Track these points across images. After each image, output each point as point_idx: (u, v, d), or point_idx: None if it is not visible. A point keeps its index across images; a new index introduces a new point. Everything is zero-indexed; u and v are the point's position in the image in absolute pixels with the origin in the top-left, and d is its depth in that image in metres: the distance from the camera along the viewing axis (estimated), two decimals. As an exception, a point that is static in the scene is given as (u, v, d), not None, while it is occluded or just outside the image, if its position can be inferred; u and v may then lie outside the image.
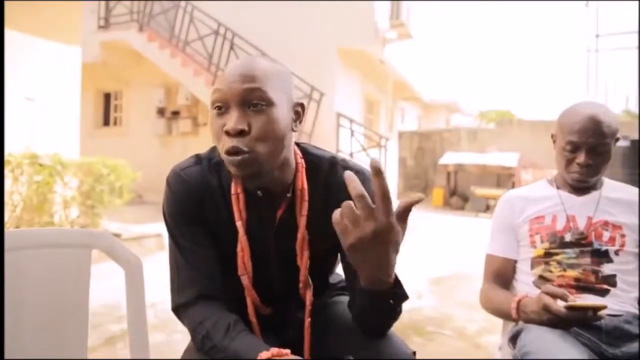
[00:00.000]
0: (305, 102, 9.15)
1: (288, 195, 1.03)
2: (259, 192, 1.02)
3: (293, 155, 1.04)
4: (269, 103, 0.93)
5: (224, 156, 0.94)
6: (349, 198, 0.93)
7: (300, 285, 1.07)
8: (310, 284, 1.07)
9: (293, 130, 1.00)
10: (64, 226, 4.64)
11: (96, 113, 10.75)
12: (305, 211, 1.04)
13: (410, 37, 10.55)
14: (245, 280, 1.05)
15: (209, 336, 0.97)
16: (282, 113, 0.95)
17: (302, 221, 1.04)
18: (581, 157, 1.36)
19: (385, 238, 0.79)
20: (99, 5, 9.35)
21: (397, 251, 0.84)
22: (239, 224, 1.03)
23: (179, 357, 1.17)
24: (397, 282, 0.91)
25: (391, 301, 0.91)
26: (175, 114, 9.80)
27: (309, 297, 1.07)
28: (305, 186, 1.04)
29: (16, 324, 1.18)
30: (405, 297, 0.94)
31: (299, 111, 1.01)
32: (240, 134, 0.91)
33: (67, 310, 1.24)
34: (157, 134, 9.88)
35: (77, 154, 5.60)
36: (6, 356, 1.16)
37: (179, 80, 8.96)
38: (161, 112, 9.91)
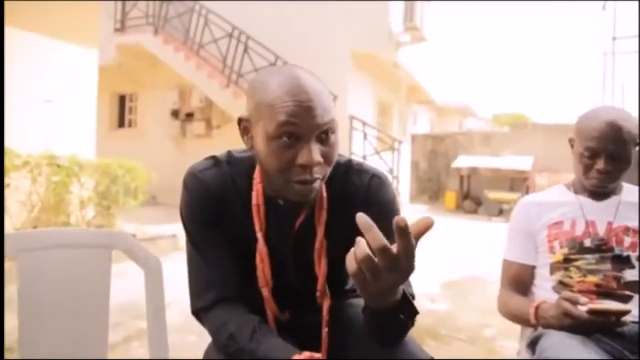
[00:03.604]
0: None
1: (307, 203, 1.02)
2: (280, 201, 1.02)
3: None
4: (335, 130, 0.94)
5: (293, 186, 0.92)
6: (366, 204, 0.95)
7: (318, 294, 1.06)
8: (328, 293, 1.06)
9: None
10: (80, 226, 4.70)
11: (111, 115, 10.88)
12: (323, 219, 1.03)
13: (424, 41, 10.52)
14: (266, 292, 1.04)
15: (233, 338, 0.96)
16: (338, 136, 0.95)
17: (321, 230, 1.03)
18: (600, 164, 1.35)
19: (403, 281, 0.77)
20: (115, 8, 9.47)
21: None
22: (259, 235, 1.02)
23: (194, 357, 1.18)
24: (404, 298, 0.87)
25: (401, 316, 0.88)
26: (189, 116, 9.87)
27: (326, 306, 1.05)
28: (325, 194, 1.03)
29: (37, 324, 1.20)
30: (414, 311, 0.90)
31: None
32: (317, 164, 0.91)
33: (88, 310, 1.26)
34: (171, 136, 9.97)
35: (93, 155, 5.68)
36: (27, 355, 1.18)
37: (193, 83, 9.03)
38: (175, 114, 10.00)
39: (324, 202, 1.03)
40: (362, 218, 0.73)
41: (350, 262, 0.74)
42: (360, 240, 0.73)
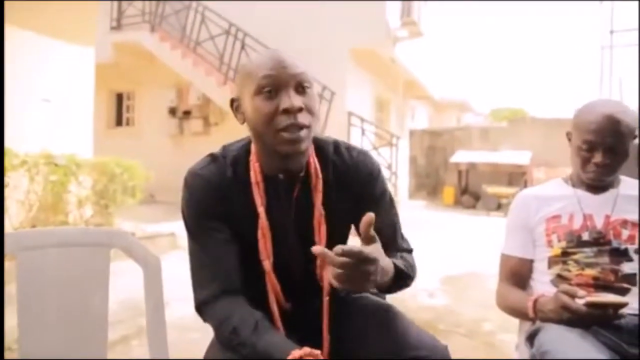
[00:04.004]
0: (316, 101, 9.11)
1: (301, 174, 1.08)
2: (280, 175, 1.07)
3: None
4: (311, 85, 1.04)
5: (282, 135, 0.99)
6: (356, 178, 1.12)
7: (318, 262, 1.09)
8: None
9: None
10: (78, 225, 4.69)
11: (109, 113, 10.85)
12: (320, 187, 1.09)
13: (421, 36, 10.50)
14: (267, 265, 1.07)
15: (236, 332, 0.98)
16: (316, 94, 1.07)
17: (318, 197, 1.09)
18: (598, 157, 1.35)
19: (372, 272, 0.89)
20: (112, 6, 9.42)
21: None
22: (260, 209, 1.06)
23: (194, 356, 1.18)
24: (398, 272, 1.01)
25: (399, 283, 1.05)
26: (187, 113, 9.86)
27: (326, 276, 1.07)
28: (318, 166, 1.10)
29: (36, 323, 1.20)
30: (410, 277, 1.09)
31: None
32: (299, 110, 0.99)
33: (87, 309, 1.26)
34: (169, 134, 9.95)
35: (90, 154, 5.66)
36: (26, 354, 1.18)
37: (190, 80, 9.01)
38: (173, 112, 9.98)
39: (319, 172, 1.09)
40: (317, 249, 0.87)
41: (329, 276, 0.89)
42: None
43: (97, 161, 5.14)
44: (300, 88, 1.01)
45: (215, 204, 1.06)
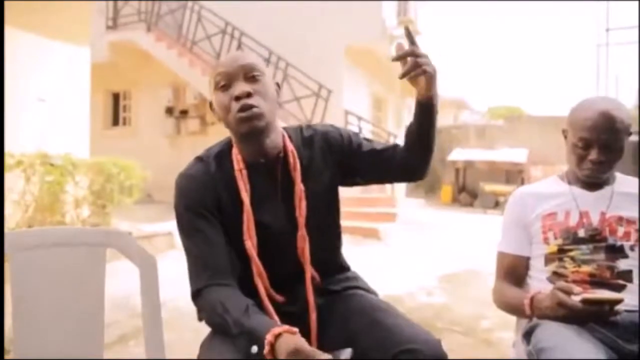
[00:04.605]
0: (313, 100, 9.01)
1: (281, 155, 1.19)
2: (262, 159, 1.17)
3: (279, 126, 1.23)
4: (262, 73, 1.17)
5: (237, 116, 1.12)
6: (326, 143, 1.25)
7: (299, 234, 1.17)
8: (306, 236, 1.18)
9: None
10: (75, 225, 4.68)
11: (105, 113, 10.82)
12: (298, 166, 1.20)
13: (418, 34, 10.50)
14: (249, 244, 1.13)
15: (227, 314, 1.04)
16: (270, 82, 1.19)
17: (297, 176, 1.19)
18: (593, 154, 1.35)
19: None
20: (107, 5, 9.39)
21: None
22: (244, 194, 1.15)
23: (190, 356, 1.18)
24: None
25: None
26: (184, 113, 9.82)
27: (306, 251, 1.18)
28: (293, 147, 1.22)
29: (32, 323, 1.19)
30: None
31: (277, 88, 1.22)
32: (248, 95, 1.12)
33: (83, 309, 1.26)
34: (166, 134, 9.92)
35: (87, 154, 5.65)
36: (21, 355, 1.17)
37: (187, 80, 8.98)
38: (169, 111, 9.94)
39: (295, 153, 1.21)
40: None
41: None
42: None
43: (94, 161, 5.13)
44: (251, 77, 1.14)
45: (203, 199, 1.14)
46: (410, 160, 1.25)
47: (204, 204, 1.14)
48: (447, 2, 13.86)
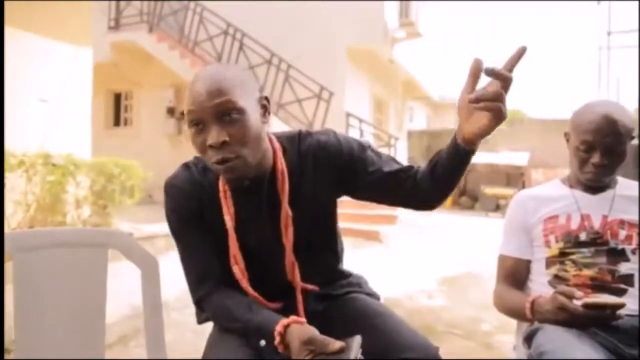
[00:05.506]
0: (314, 101, 8.98)
1: (268, 172, 1.11)
2: (247, 181, 1.08)
3: (268, 143, 1.12)
4: (241, 111, 1.00)
5: (214, 167, 1.03)
6: (324, 158, 1.13)
7: (286, 262, 1.13)
8: (295, 262, 1.13)
9: (264, 122, 1.08)
10: (76, 226, 4.68)
11: (107, 113, 10.82)
12: (286, 188, 1.10)
13: (419, 36, 10.51)
14: (237, 270, 1.11)
15: (232, 314, 1.06)
16: (253, 116, 1.03)
17: (285, 199, 1.11)
18: (596, 157, 1.35)
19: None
20: (109, 6, 9.41)
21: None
22: (227, 218, 1.10)
23: (190, 356, 1.18)
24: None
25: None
26: (185, 114, 9.84)
27: (297, 275, 1.14)
28: (284, 167, 1.11)
29: (34, 324, 1.19)
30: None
31: (265, 105, 1.09)
32: (223, 144, 0.99)
33: (85, 309, 1.26)
34: (167, 134, 9.92)
35: (88, 154, 5.65)
36: (24, 354, 1.17)
37: (188, 81, 8.96)
38: (171, 112, 9.95)
39: (285, 174, 1.11)
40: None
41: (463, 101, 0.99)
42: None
43: (95, 161, 5.14)
44: (226, 117, 1.00)
45: (191, 207, 1.12)
46: (429, 194, 1.12)
47: (193, 215, 1.12)
48: (449, 4, 13.85)
